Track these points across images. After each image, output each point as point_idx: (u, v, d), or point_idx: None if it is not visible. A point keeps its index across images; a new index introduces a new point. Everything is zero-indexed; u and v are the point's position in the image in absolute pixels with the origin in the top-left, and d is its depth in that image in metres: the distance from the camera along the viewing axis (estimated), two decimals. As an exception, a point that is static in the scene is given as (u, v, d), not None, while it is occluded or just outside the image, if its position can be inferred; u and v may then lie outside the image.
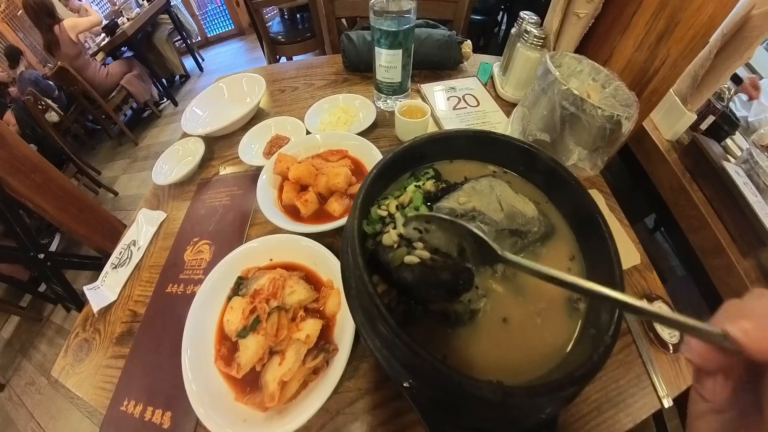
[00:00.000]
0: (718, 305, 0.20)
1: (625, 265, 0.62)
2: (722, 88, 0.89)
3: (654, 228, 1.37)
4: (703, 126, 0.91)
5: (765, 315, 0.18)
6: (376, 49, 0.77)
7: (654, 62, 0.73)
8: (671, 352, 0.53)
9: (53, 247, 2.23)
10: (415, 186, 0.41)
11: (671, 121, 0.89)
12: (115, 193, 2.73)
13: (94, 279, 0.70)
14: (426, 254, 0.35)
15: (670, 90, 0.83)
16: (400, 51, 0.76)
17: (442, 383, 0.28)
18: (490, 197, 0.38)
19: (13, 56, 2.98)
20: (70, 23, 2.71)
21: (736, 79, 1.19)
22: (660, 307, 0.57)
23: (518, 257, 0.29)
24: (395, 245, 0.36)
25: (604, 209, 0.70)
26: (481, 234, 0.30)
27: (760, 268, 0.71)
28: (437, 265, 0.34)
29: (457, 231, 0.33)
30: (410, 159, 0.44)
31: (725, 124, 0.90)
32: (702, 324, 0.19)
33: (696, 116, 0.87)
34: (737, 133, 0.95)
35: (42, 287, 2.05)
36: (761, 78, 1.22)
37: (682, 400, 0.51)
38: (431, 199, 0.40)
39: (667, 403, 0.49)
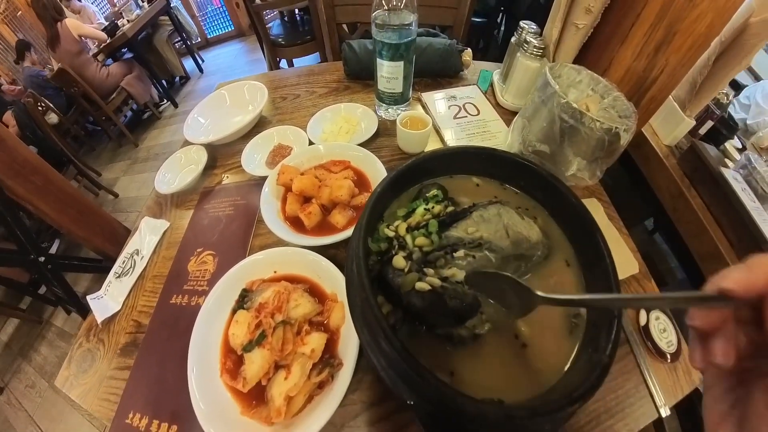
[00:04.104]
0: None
1: (624, 274, 0.63)
2: (721, 93, 0.90)
3: (653, 229, 1.37)
4: (702, 131, 0.92)
5: (748, 266, 0.20)
6: (378, 60, 0.78)
7: (652, 71, 0.73)
8: (668, 361, 0.53)
9: (53, 250, 2.23)
10: (425, 209, 0.41)
11: (670, 126, 0.89)
12: (116, 195, 2.73)
13: (95, 281, 0.71)
14: (437, 281, 0.35)
15: (669, 96, 0.83)
16: (402, 62, 0.76)
17: (445, 404, 0.28)
18: (497, 225, 0.38)
19: (20, 51, 2.99)
20: (74, 24, 2.74)
21: (735, 85, 1.19)
22: (658, 318, 0.58)
23: (559, 295, 0.29)
24: (406, 269, 0.36)
25: (603, 218, 0.70)
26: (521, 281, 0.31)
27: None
28: (447, 293, 0.34)
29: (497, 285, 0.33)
30: (412, 176, 0.45)
31: (724, 129, 0.90)
32: (699, 292, 0.21)
33: (695, 122, 0.88)
34: (735, 136, 0.96)
35: (42, 289, 2.04)
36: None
37: (680, 408, 0.51)
38: (441, 224, 0.40)
39: (665, 412, 0.50)
